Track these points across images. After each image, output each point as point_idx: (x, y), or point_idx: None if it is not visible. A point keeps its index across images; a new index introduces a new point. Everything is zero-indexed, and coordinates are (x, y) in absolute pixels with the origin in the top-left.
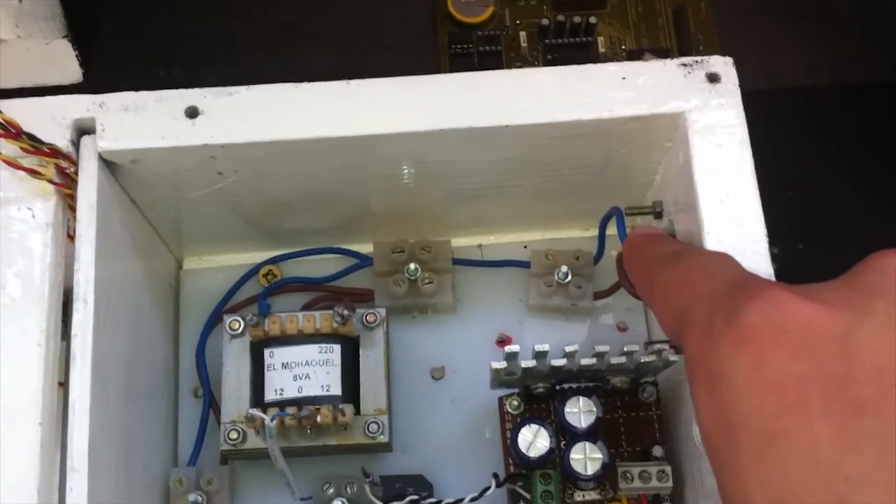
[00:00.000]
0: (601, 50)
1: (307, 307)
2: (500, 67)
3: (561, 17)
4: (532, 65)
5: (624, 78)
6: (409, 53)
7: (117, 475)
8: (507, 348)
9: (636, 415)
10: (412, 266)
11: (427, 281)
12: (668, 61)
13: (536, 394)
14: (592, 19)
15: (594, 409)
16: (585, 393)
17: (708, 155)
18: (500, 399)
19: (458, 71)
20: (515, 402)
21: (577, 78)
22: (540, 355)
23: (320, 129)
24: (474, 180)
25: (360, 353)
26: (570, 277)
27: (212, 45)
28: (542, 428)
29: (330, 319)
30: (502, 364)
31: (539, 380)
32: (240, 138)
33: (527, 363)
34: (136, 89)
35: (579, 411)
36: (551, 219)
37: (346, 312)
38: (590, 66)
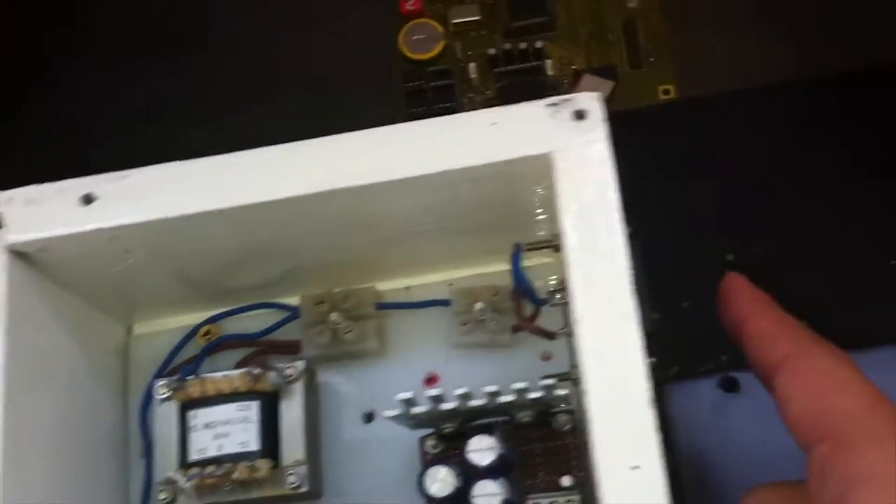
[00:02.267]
0: (550, 73)
1: (242, 363)
2: (454, 101)
3: (508, 45)
4: (484, 94)
5: (494, 123)
6: (370, 96)
7: None
8: (399, 396)
9: (552, 444)
10: (333, 316)
11: (347, 330)
12: (536, 102)
13: (446, 434)
14: (539, 44)
15: (495, 445)
16: (486, 430)
17: (573, 192)
18: (420, 439)
19: (414, 108)
20: (433, 442)
21: (447, 128)
22: (435, 399)
23: (207, 203)
24: (394, 228)
25: (281, 407)
26: (487, 313)
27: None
28: (447, 469)
29: (247, 378)
30: (394, 412)
31: (446, 420)
32: (132, 220)
33: (416, 410)
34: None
35: (481, 449)
36: (474, 255)
37: (257, 371)
38: (460, 115)
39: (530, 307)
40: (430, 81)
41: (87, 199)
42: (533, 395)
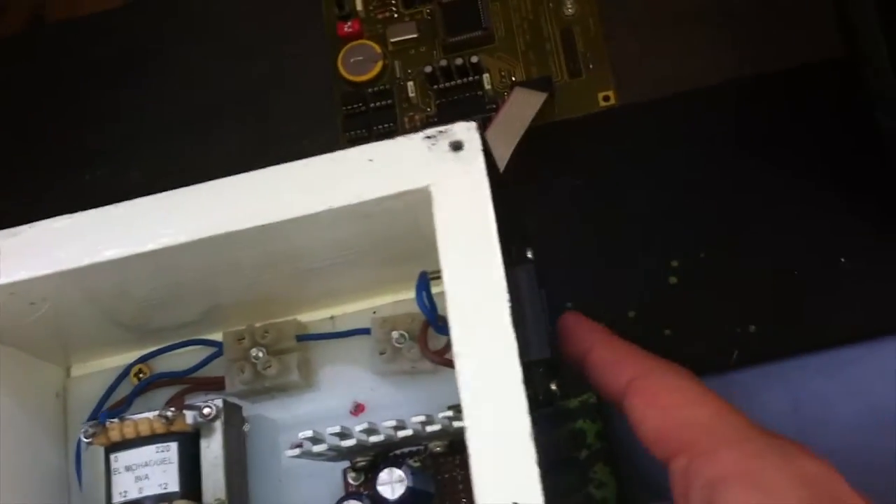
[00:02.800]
0: (487, 87)
1: (171, 402)
2: (394, 121)
3: (444, 62)
4: (424, 113)
5: (371, 160)
6: (311, 121)
7: None
8: (300, 435)
9: (467, 472)
10: (253, 351)
11: (267, 365)
12: (413, 135)
13: (360, 467)
14: (475, 58)
15: (405, 478)
16: (394, 463)
17: (450, 225)
18: (343, 471)
19: (353, 132)
20: (352, 475)
21: (325, 166)
22: (339, 436)
23: (98, 254)
24: (297, 264)
25: (201, 445)
26: (404, 341)
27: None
28: (358, 502)
29: (163, 419)
30: (294, 451)
31: (359, 454)
32: (27, 275)
33: (317, 448)
34: None
35: (391, 482)
36: (395, 283)
37: (171, 412)
38: (338, 153)
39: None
40: (370, 103)
41: None
42: (431, 428)
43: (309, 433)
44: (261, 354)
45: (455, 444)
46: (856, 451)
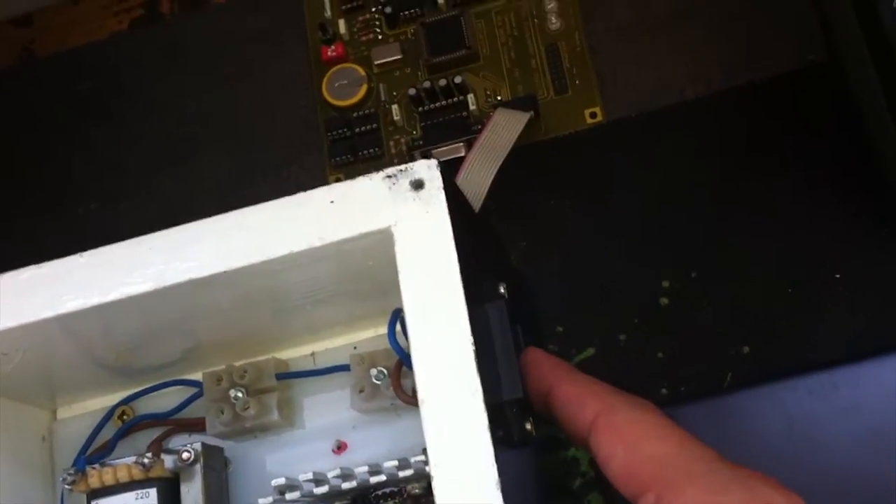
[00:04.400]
0: (472, 107)
1: (154, 443)
2: (380, 145)
3: (427, 84)
4: (410, 135)
5: (332, 201)
6: (298, 147)
7: None
8: (274, 481)
9: None
10: (232, 392)
11: (246, 406)
12: (374, 175)
13: None
14: (458, 79)
15: None
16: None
17: (411, 266)
18: None
19: (338, 157)
20: None
21: (288, 209)
22: (312, 481)
23: (61, 307)
24: (272, 304)
25: (181, 489)
26: (384, 378)
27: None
28: None
29: (139, 465)
30: (268, 500)
31: (336, 499)
32: None
33: (291, 496)
34: None
35: None
36: (373, 317)
37: (146, 459)
38: (300, 195)
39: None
40: (355, 128)
41: None
42: (405, 473)
43: (282, 480)
44: (240, 395)
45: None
46: (852, 473)
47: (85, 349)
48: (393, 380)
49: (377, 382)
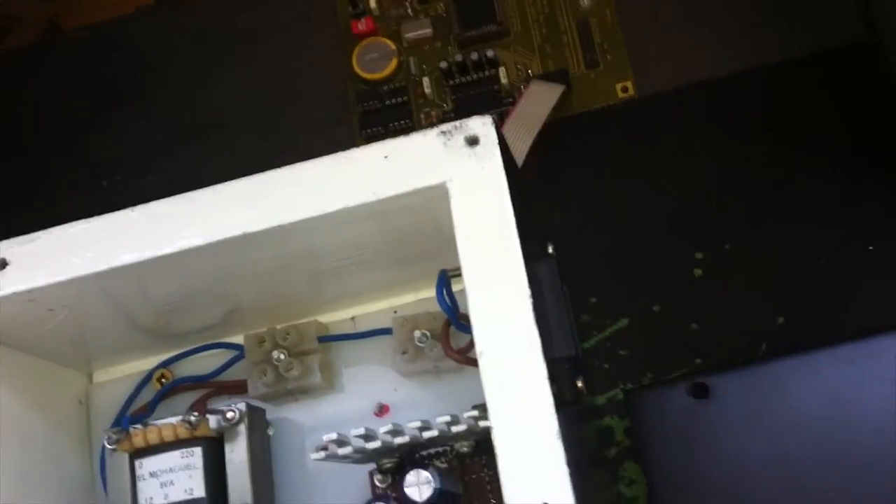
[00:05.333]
0: (503, 81)
1: (195, 406)
2: (410, 118)
3: (459, 57)
4: (441, 109)
5: (386, 157)
6: (328, 119)
7: None
8: (325, 437)
9: (494, 472)
10: (275, 354)
11: (289, 367)
12: (428, 131)
13: (386, 469)
14: (490, 53)
15: (431, 480)
16: (421, 464)
17: (468, 221)
18: (370, 473)
19: (368, 129)
20: (378, 477)
21: (341, 165)
22: (364, 438)
23: (113, 259)
24: (328, 261)
25: (226, 450)
26: (426, 341)
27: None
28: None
29: (188, 424)
30: (320, 454)
31: (384, 456)
32: (44, 281)
33: (343, 451)
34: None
35: (418, 484)
36: (415, 281)
37: (195, 417)
38: (353, 151)
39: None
40: (385, 100)
41: (2, 264)
42: (457, 428)
43: (333, 435)
44: (282, 357)
45: (482, 444)
46: (888, 442)
47: (127, 309)
48: (442, 340)
49: (420, 345)
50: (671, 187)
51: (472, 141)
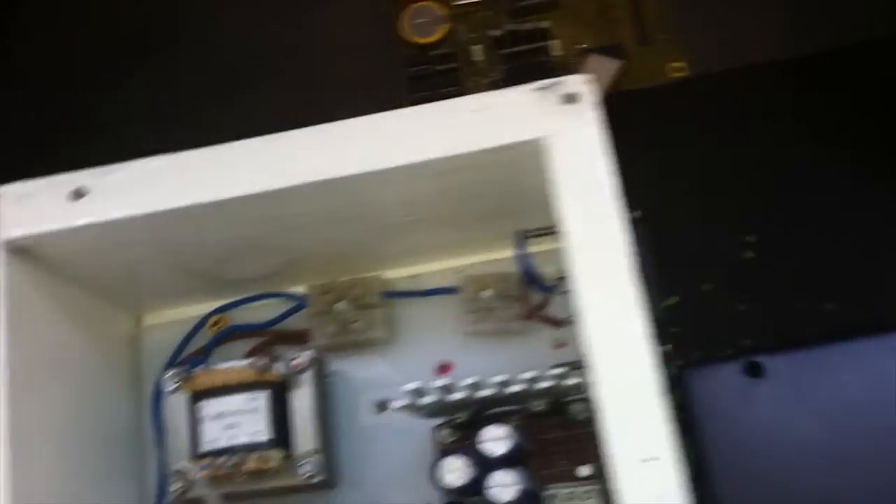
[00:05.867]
0: (557, 53)
1: (251, 353)
2: (458, 85)
3: (511, 26)
4: (490, 77)
5: (481, 109)
6: (372, 81)
7: None
8: (406, 387)
9: (568, 434)
10: (340, 306)
11: (354, 319)
12: (525, 86)
13: (459, 424)
14: (544, 23)
15: (510, 435)
16: (500, 419)
17: (567, 178)
18: (433, 429)
19: (417, 94)
20: (446, 432)
21: (434, 115)
22: (444, 389)
23: (196, 196)
24: (393, 216)
25: (291, 396)
26: (497, 301)
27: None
28: (460, 458)
29: (255, 368)
30: (403, 403)
31: (458, 410)
32: (122, 214)
33: (427, 399)
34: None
35: (494, 439)
36: (482, 242)
37: (263, 362)
38: (447, 102)
39: (539, 295)
40: (434, 65)
41: (78, 194)
42: (543, 384)
43: (415, 385)
44: (347, 309)
45: (555, 405)
46: None
47: (191, 252)
48: (522, 300)
49: (488, 305)
50: (724, 168)
51: (570, 98)
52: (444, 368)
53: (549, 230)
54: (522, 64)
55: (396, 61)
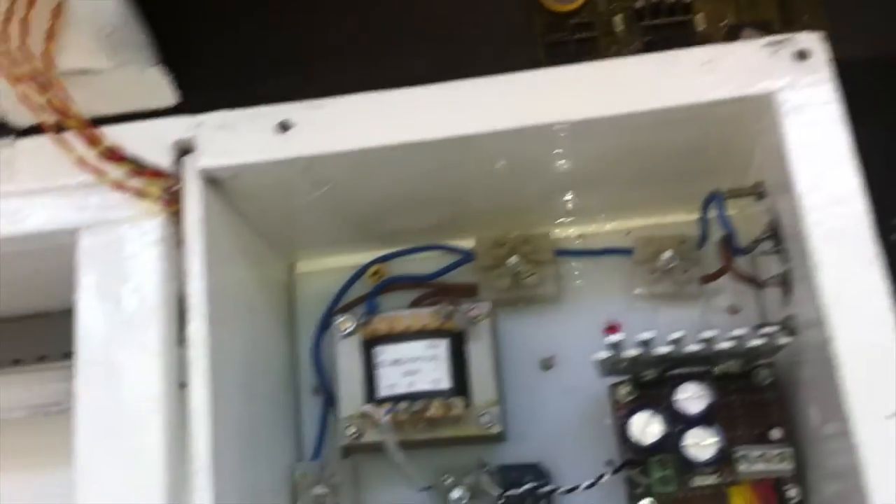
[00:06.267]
0: (699, 28)
1: (414, 304)
2: (596, 54)
3: None
4: (628, 48)
5: (710, 61)
6: (505, 48)
7: (243, 473)
8: (610, 338)
9: (752, 398)
10: (514, 259)
11: (528, 273)
12: (754, 41)
13: (646, 381)
14: None
15: (706, 394)
16: (697, 378)
17: (800, 134)
18: (611, 387)
19: (555, 62)
20: (626, 390)
21: (663, 65)
22: (644, 343)
23: (408, 134)
24: (571, 172)
25: (468, 347)
26: (674, 262)
27: (309, 56)
28: (654, 415)
29: (436, 316)
30: (607, 354)
31: (647, 367)
32: (330, 149)
33: (631, 352)
34: (235, 107)
35: (690, 397)
36: (653, 204)
37: (450, 309)
38: (676, 52)
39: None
40: (573, 34)
41: (284, 127)
42: (752, 343)
43: (618, 337)
44: (520, 263)
45: (744, 369)
46: None
47: (371, 195)
48: (723, 257)
49: (666, 267)
50: (868, 154)
51: (802, 55)
52: (611, 329)
53: (748, 191)
54: (663, 36)
55: (533, 28)
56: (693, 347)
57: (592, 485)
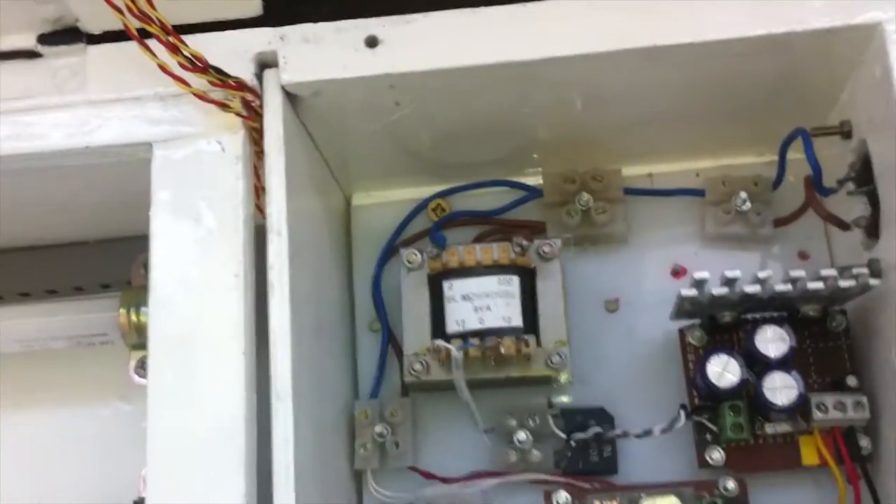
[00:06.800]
0: None
1: (478, 240)
2: None
3: None
4: None
5: None
6: None
7: (312, 405)
8: (696, 275)
9: (825, 345)
10: (584, 196)
11: (600, 210)
12: None
13: (723, 324)
14: None
15: (787, 337)
16: (777, 322)
17: None
18: (681, 331)
19: None
20: (698, 334)
21: None
22: (730, 282)
23: (498, 54)
24: (646, 106)
25: (538, 284)
26: (748, 204)
27: None
28: (732, 359)
29: (508, 251)
30: (692, 291)
31: (725, 309)
32: (419, 67)
33: (717, 290)
34: (318, 18)
35: (771, 340)
36: (724, 145)
37: (524, 243)
38: None
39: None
40: None
41: (371, 42)
42: (845, 283)
43: (704, 274)
44: (591, 199)
45: (825, 312)
46: None
47: (452, 120)
48: (810, 197)
49: (741, 208)
50: None
51: None
52: (678, 272)
53: (834, 130)
54: None
55: None
56: (781, 287)
57: (667, 430)
